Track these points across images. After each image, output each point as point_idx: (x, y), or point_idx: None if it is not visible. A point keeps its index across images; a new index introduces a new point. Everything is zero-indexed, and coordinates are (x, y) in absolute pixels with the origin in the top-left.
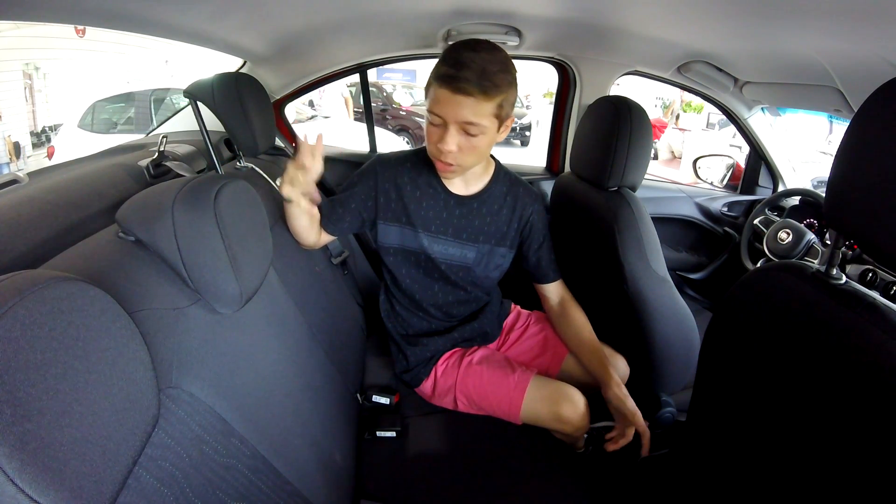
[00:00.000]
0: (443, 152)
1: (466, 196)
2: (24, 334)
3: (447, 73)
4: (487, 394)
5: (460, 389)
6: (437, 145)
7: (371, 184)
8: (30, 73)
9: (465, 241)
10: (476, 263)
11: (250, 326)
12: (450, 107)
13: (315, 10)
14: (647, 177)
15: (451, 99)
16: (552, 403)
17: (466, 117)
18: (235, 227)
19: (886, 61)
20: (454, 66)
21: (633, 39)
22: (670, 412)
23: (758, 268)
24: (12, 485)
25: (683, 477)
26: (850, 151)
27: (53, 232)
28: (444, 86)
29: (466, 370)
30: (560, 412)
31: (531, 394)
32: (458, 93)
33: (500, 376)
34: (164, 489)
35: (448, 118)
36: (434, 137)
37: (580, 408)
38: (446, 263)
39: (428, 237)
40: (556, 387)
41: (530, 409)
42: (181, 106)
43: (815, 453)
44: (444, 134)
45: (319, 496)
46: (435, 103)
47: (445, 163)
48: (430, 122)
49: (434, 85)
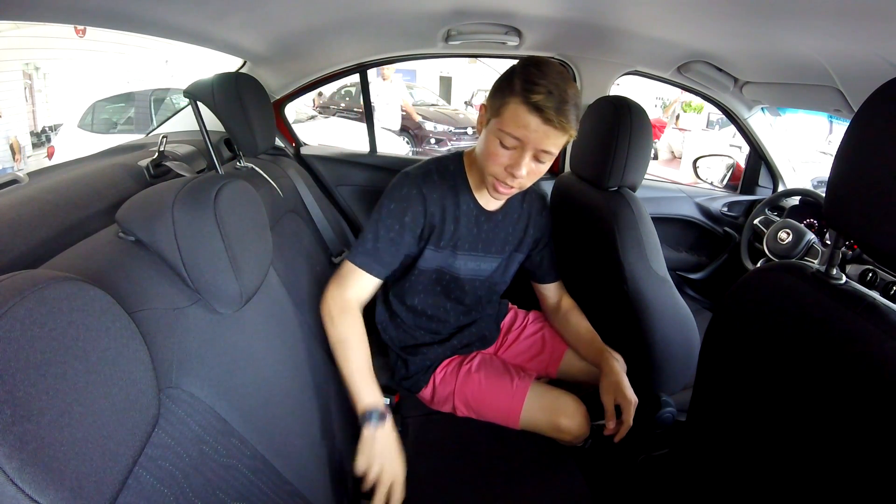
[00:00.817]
0: (513, 176)
1: (493, 211)
2: (24, 334)
3: (541, 103)
4: (486, 401)
5: (459, 397)
6: (509, 169)
7: (420, 209)
8: (30, 73)
9: (494, 254)
10: (495, 271)
11: (250, 326)
12: (536, 134)
13: (315, 11)
14: (647, 177)
15: (539, 128)
16: (550, 414)
17: (547, 147)
18: (235, 227)
19: (886, 61)
20: (547, 94)
21: (633, 39)
22: (670, 412)
23: (758, 268)
24: (12, 485)
25: (683, 477)
26: (850, 151)
27: (53, 232)
28: (534, 112)
29: (465, 378)
30: (558, 423)
31: (530, 403)
32: (547, 124)
33: (498, 384)
34: (164, 489)
35: (528, 144)
36: (504, 160)
37: (578, 418)
38: (471, 280)
39: (463, 256)
40: (554, 396)
41: (529, 418)
42: (181, 106)
43: (815, 453)
44: (518, 159)
45: (319, 496)
46: (518, 127)
47: (510, 186)
48: (502, 143)
49: (519, 108)
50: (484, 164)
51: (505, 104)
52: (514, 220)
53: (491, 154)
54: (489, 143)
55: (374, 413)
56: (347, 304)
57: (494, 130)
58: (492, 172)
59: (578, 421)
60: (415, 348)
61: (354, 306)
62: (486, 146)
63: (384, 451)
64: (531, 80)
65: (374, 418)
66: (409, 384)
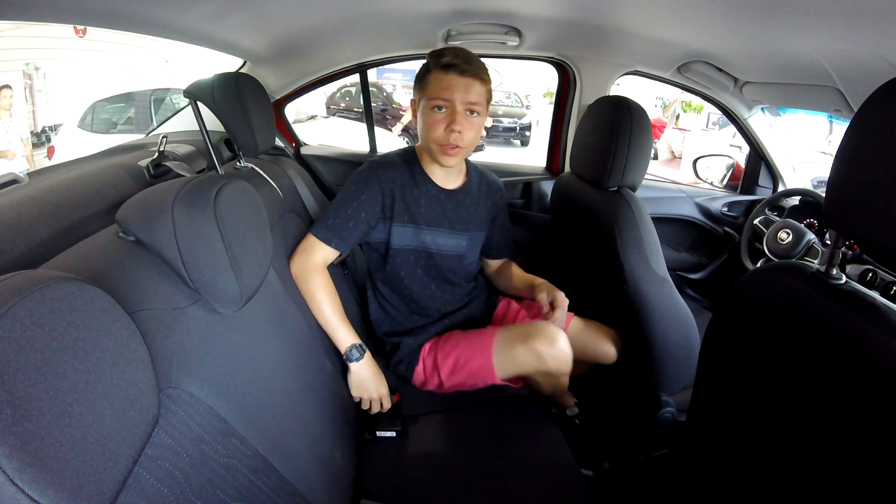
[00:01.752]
0: (453, 133)
1: (453, 190)
2: (24, 334)
3: (451, 63)
4: (461, 356)
5: (442, 367)
6: (448, 129)
7: (376, 188)
8: (30, 73)
9: (459, 231)
10: (468, 250)
11: (250, 326)
12: (459, 90)
13: (315, 11)
14: (647, 177)
15: (459, 81)
16: (524, 341)
17: (473, 98)
18: (235, 227)
19: (886, 61)
20: (454, 55)
21: (633, 39)
22: (670, 412)
23: (758, 268)
24: (12, 485)
25: (683, 477)
26: (850, 151)
27: (53, 232)
28: (451, 71)
29: (444, 344)
30: (536, 349)
31: (501, 337)
32: (463, 75)
33: (467, 338)
34: (164, 489)
35: (456, 101)
36: (441, 123)
37: (557, 340)
38: (444, 255)
39: (431, 232)
40: (527, 325)
41: (503, 357)
42: (181, 106)
43: (815, 453)
44: (452, 114)
45: (319, 496)
46: (443, 89)
47: (453, 146)
48: (433, 111)
49: (437, 73)
50: (427, 136)
51: (425, 81)
52: (475, 200)
53: (429, 124)
54: (425, 117)
55: (354, 350)
56: (314, 266)
57: (425, 105)
58: (434, 139)
59: (558, 343)
60: (407, 332)
61: (321, 267)
62: (423, 121)
63: (369, 378)
64: (438, 53)
65: (354, 355)
66: (402, 369)
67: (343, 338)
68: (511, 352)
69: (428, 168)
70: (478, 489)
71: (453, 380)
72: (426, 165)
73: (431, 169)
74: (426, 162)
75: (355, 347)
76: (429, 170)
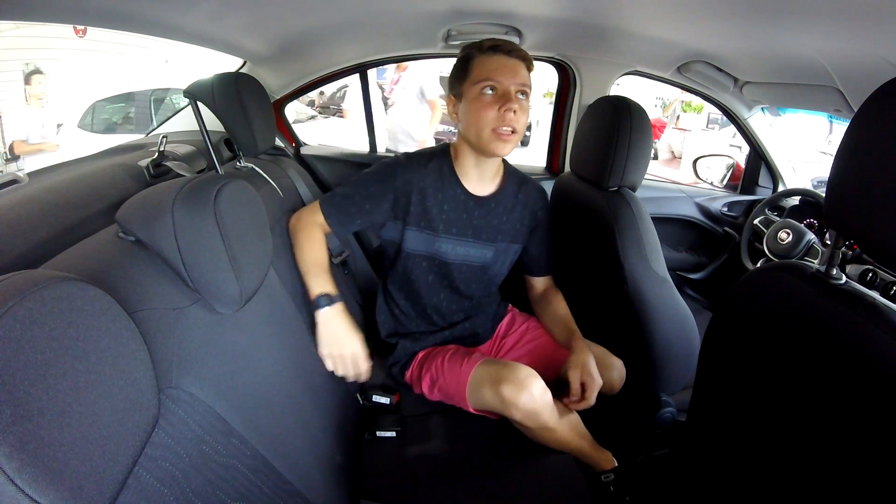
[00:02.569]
0: (508, 113)
1: (484, 197)
2: (24, 334)
3: (496, 44)
4: (440, 378)
5: (424, 375)
6: (502, 109)
7: (388, 187)
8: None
9: (485, 241)
10: (493, 262)
11: (250, 326)
12: (508, 69)
13: (315, 11)
14: (647, 177)
15: (507, 62)
16: (494, 383)
17: (522, 79)
18: (235, 227)
19: (886, 61)
20: (498, 41)
21: (633, 39)
22: (670, 412)
23: (758, 268)
24: (12, 485)
25: (683, 477)
26: (850, 151)
27: (53, 232)
28: (497, 53)
29: (434, 356)
30: (501, 392)
31: (477, 373)
32: (510, 56)
33: (457, 359)
34: (164, 489)
35: (506, 83)
36: (493, 106)
37: (526, 389)
38: (461, 265)
39: (450, 240)
40: (502, 365)
41: (475, 393)
42: (181, 106)
43: (815, 453)
44: (507, 97)
45: (319, 496)
46: (492, 70)
47: (509, 130)
48: (482, 94)
49: (482, 57)
50: (477, 124)
51: (468, 68)
52: (509, 209)
53: (479, 109)
54: (473, 102)
55: (322, 297)
56: (314, 222)
57: (472, 91)
58: (488, 123)
59: (526, 393)
60: (407, 335)
61: (318, 227)
62: (471, 108)
63: (338, 331)
64: (475, 44)
65: (322, 302)
66: (396, 371)
67: (317, 286)
68: (480, 390)
69: (461, 168)
70: (478, 489)
71: (433, 395)
72: (460, 166)
73: (465, 170)
74: (461, 161)
75: (326, 295)
76: (461, 171)
